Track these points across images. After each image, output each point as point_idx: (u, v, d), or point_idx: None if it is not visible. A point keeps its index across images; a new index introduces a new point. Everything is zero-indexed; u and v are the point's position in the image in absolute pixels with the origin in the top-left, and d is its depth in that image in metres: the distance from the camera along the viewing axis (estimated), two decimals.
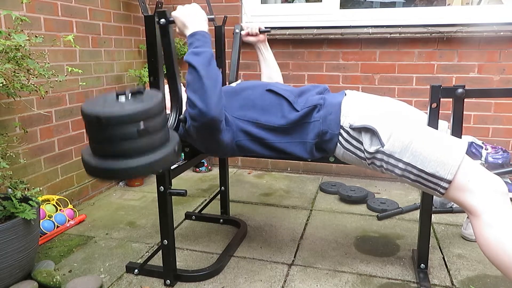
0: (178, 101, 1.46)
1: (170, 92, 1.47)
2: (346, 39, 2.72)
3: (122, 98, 1.10)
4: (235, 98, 1.46)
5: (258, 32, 1.84)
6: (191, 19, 1.34)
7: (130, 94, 1.11)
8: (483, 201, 1.15)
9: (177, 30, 1.39)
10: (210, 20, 1.43)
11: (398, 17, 2.68)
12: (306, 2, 3.49)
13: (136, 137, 1.06)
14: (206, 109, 1.24)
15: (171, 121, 1.44)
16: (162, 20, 1.35)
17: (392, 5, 4.07)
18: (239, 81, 1.83)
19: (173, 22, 1.37)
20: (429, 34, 2.56)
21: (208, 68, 1.27)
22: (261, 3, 2.93)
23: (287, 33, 2.77)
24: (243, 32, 1.87)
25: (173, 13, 1.37)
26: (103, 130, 1.06)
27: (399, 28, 2.62)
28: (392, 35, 2.61)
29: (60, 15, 2.23)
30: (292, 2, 3.62)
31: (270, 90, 1.44)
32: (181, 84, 1.51)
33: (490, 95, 2.10)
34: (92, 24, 2.48)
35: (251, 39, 1.87)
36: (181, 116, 1.45)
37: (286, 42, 2.83)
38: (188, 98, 1.28)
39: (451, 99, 1.40)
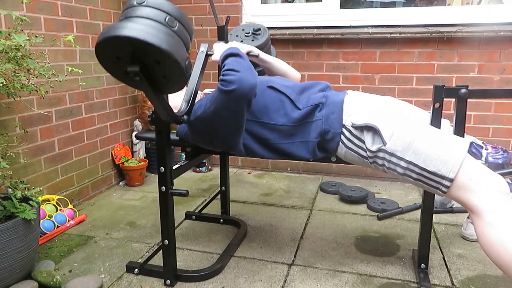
0: (190, 103, 1.41)
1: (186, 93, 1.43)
2: (346, 39, 2.72)
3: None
4: None
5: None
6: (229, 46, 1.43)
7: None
8: (485, 200, 1.15)
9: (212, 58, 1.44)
10: (251, 56, 1.56)
11: (398, 17, 2.68)
12: (306, 2, 3.49)
13: (163, 24, 1.10)
14: (247, 76, 1.25)
15: (182, 106, 1.39)
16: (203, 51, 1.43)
17: (392, 5, 4.08)
18: None
19: (211, 55, 1.44)
20: (429, 34, 2.56)
21: (247, 59, 1.33)
22: (261, 3, 2.93)
23: (287, 33, 2.77)
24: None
25: (215, 47, 1.45)
26: None
27: (399, 28, 2.62)
28: (392, 35, 2.61)
29: (60, 15, 2.22)
30: (292, 2, 3.62)
31: (271, 87, 1.44)
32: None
33: (492, 95, 2.09)
34: (92, 24, 2.48)
35: None
36: (185, 117, 1.44)
37: (286, 42, 2.83)
38: (225, 68, 1.28)
39: (452, 99, 1.40)
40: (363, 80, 2.77)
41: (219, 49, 1.45)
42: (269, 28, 1.87)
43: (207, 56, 1.46)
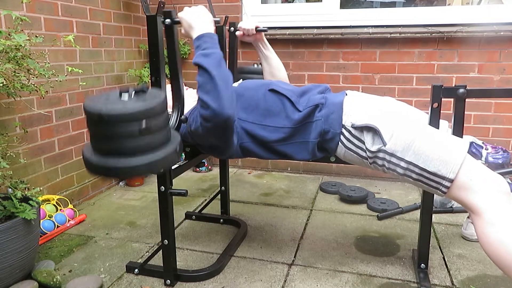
0: (180, 101, 1.46)
1: (172, 91, 1.46)
2: (346, 39, 2.72)
3: (125, 96, 1.10)
4: (238, 100, 1.44)
5: (255, 32, 1.77)
6: (198, 21, 1.34)
7: (133, 93, 1.11)
8: (485, 200, 1.15)
9: (183, 31, 1.38)
10: (216, 22, 1.42)
11: (398, 17, 2.68)
12: (306, 2, 3.49)
13: (137, 135, 1.06)
14: (220, 109, 1.23)
15: (172, 120, 1.43)
16: (168, 20, 1.35)
17: (392, 5, 4.08)
18: (240, 80, 1.83)
19: (178, 22, 1.37)
20: (429, 34, 2.56)
21: (219, 68, 1.26)
22: (261, 3, 2.93)
23: (287, 33, 2.77)
24: (238, 33, 1.79)
25: (179, 14, 1.37)
26: (104, 127, 1.06)
27: (399, 28, 2.62)
28: (392, 35, 2.61)
29: (60, 15, 2.22)
30: (292, 2, 3.62)
31: (272, 90, 1.44)
32: (183, 84, 1.51)
33: (491, 95, 2.10)
34: (92, 24, 2.48)
35: (247, 39, 1.80)
36: (182, 116, 1.45)
37: (286, 42, 2.83)
38: (200, 100, 1.27)
39: (451, 99, 1.40)
40: (363, 80, 2.77)
41: (188, 18, 1.36)
42: (269, 28, 1.86)
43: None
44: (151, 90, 1.17)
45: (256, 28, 1.75)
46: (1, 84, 1.46)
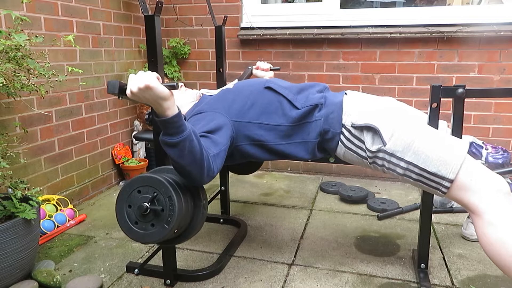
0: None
1: None
2: (346, 39, 2.72)
3: (146, 213, 1.15)
4: (234, 100, 1.43)
5: (268, 69, 1.97)
6: (150, 103, 1.05)
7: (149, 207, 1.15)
8: (485, 200, 1.15)
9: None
10: (170, 88, 1.04)
11: (398, 17, 2.68)
12: (306, 2, 3.49)
13: (174, 237, 1.26)
14: (196, 183, 1.20)
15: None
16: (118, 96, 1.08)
17: (392, 5, 4.07)
18: (235, 81, 1.82)
19: (128, 98, 1.07)
20: (429, 34, 2.56)
21: (187, 156, 1.10)
22: (261, 3, 2.93)
23: (287, 33, 2.77)
24: (254, 66, 2.00)
25: (128, 92, 1.04)
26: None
27: (399, 28, 2.62)
28: (392, 35, 2.61)
29: (60, 15, 2.22)
30: (293, 2, 3.62)
31: (268, 88, 1.44)
32: (180, 84, 1.50)
33: (490, 95, 2.10)
34: (92, 24, 2.48)
35: (260, 73, 1.97)
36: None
37: (286, 42, 2.83)
38: (178, 170, 1.18)
39: (451, 99, 1.40)
40: (363, 80, 2.77)
41: (142, 98, 1.05)
42: (269, 28, 1.87)
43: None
44: (159, 192, 1.16)
45: (270, 68, 2.00)
46: (1, 84, 1.46)
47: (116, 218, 1.17)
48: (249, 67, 2.05)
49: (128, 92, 1.03)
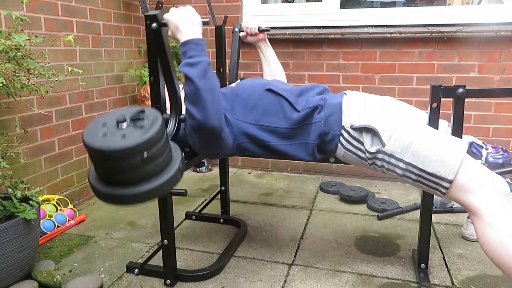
0: (177, 103, 1.45)
1: (169, 95, 1.45)
2: (346, 39, 2.72)
3: (123, 125, 1.07)
4: (236, 100, 1.45)
5: (258, 32, 1.82)
6: (185, 24, 1.26)
7: (129, 120, 1.09)
8: (484, 201, 1.15)
9: (169, 33, 1.31)
10: (204, 23, 1.32)
11: (398, 17, 2.68)
12: (306, 1, 3.49)
13: (140, 165, 1.05)
14: (206, 121, 1.24)
15: (171, 124, 1.42)
16: (154, 24, 1.28)
17: (392, 5, 4.08)
18: (238, 81, 1.82)
19: (165, 25, 1.29)
20: (429, 34, 2.56)
21: (205, 79, 1.24)
22: (261, 2, 2.94)
23: (288, 33, 2.76)
24: (242, 33, 1.85)
25: (166, 16, 1.29)
26: (106, 162, 1.05)
27: (399, 28, 2.62)
28: (392, 35, 2.61)
29: (60, 15, 2.22)
30: (293, 1, 3.62)
31: (269, 90, 1.44)
32: (179, 85, 1.50)
33: (490, 95, 2.10)
34: (92, 24, 2.48)
35: (250, 39, 1.86)
36: (182, 116, 1.44)
37: (286, 42, 2.83)
38: (186, 109, 1.27)
39: (451, 99, 1.40)
40: (363, 80, 2.77)
41: (174, 21, 1.29)
42: (270, 28, 1.86)
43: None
44: (147, 112, 1.13)
45: (258, 28, 1.80)
46: (1, 84, 1.46)
47: (83, 134, 1.07)
48: (235, 29, 1.89)
49: (172, 9, 1.28)
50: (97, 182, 1.12)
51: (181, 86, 1.66)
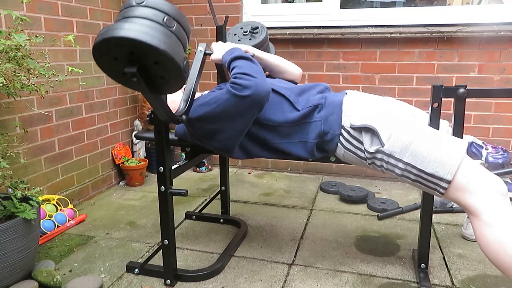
0: (191, 97, 1.42)
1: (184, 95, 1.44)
2: (346, 39, 2.72)
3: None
4: None
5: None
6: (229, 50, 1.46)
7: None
8: (483, 201, 1.15)
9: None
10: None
11: (398, 17, 2.68)
12: (306, 2, 3.49)
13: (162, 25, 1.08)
14: (262, 82, 1.28)
15: (180, 106, 1.40)
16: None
17: (393, 5, 4.07)
18: None
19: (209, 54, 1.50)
20: (429, 34, 2.56)
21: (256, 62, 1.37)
22: (262, 3, 2.93)
23: (288, 32, 2.77)
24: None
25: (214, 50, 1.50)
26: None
27: (400, 28, 2.62)
28: (392, 35, 2.61)
29: (60, 14, 2.23)
30: (293, 2, 3.62)
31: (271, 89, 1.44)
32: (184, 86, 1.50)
33: (491, 95, 2.09)
34: (92, 23, 2.48)
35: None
36: (183, 116, 1.44)
37: (286, 41, 2.83)
38: (238, 74, 1.29)
39: (451, 99, 1.40)
40: (363, 80, 2.77)
41: (219, 48, 1.48)
42: (269, 28, 1.87)
43: (205, 55, 1.51)
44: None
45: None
46: (1, 84, 1.46)
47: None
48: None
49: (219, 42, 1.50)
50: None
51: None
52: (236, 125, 1.36)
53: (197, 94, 1.64)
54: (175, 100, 1.58)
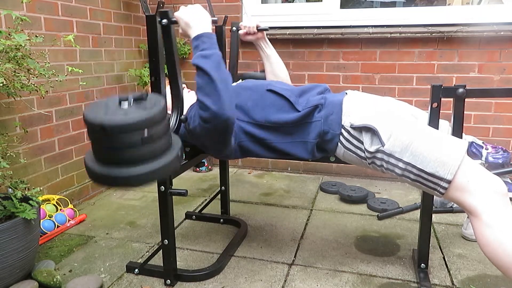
0: (179, 102, 1.46)
1: (171, 92, 1.46)
2: (346, 39, 2.72)
3: (125, 105, 1.07)
4: (236, 100, 1.44)
5: (256, 31, 1.80)
6: (196, 20, 1.33)
7: (132, 100, 1.09)
8: (483, 201, 1.15)
9: (180, 30, 1.37)
10: (213, 22, 1.38)
11: (399, 17, 2.68)
12: (306, 1, 3.49)
13: (140, 144, 1.05)
14: (221, 111, 1.23)
15: (172, 121, 1.43)
16: (164, 20, 1.34)
17: (393, 5, 4.07)
18: (240, 81, 1.83)
19: (175, 22, 1.36)
20: (429, 34, 2.56)
21: (219, 70, 1.26)
22: (262, 3, 2.93)
23: (288, 32, 2.76)
24: (241, 32, 1.83)
25: (176, 14, 1.35)
26: (106, 138, 1.04)
27: (400, 28, 2.62)
28: (392, 35, 2.61)
29: (60, 14, 2.23)
30: (293, 1, 3.62)
31: (270, 90, 1.44)
32: (182, 84, 1.51)
33: (490, 95, 2.09)
34: (92, 24, 2.48)
35: (249, 37, 1.83)
36: (182, 116, 1.45)
37: (286, 41, 2.83)
38: (199, 101, 1.26)
39: (451, 99, 1.40)
40: (363, 80, 2.77)
41: (185, 18, 1.35)
42: (269, 28, 1.86)
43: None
44: (150, 96, 1.14)
45: (257, 27, 1.79)
46: (1, 84, 1.46)
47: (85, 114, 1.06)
48: (234, 29, 1.89)
49: (182, 7, 1.33)
50: (94, 163, 1.11)
51: (186, 90, 1.67)
52: (216, 142, 1.38)
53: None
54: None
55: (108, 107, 1.08)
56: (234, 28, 1.90)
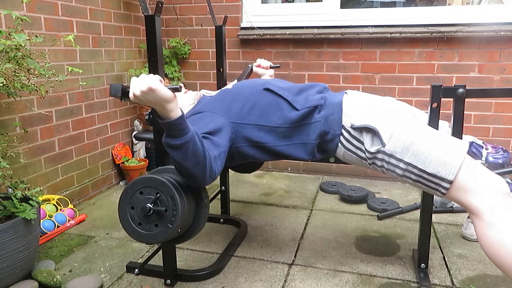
0: None
1: None
2: (346, 39, 2.72)
3: (149, 213, 1.15)
4: (233, 102, 1.42)
5: (269, 67, 1.94)
6: (154, 106, 1.06)
7: (152, 209, 1.15)
8: (484, 201, 1.15)
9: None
10: (174, 90, 1.06)
11: (399, 17, 2.68)
12: (306, 1, 3.49)
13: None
14: (201, 184, 1.26)
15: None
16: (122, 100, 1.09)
17: (393, 5, 4.07)
18: (234, 81, 1.82)
19: (129, 100, 1.07)
20: (429, 34, 2.56)
21: (191, 158, 1.11)
22: (262, 2, 2.93)
23: (288, 32, 2.76)
24: (255, 64, 1.97)
25: (131, 95, 1.04)
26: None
27: (400, 28, 2.62)
28: (392, 35, 2.61)
29: (60, 14, 2.23)
30: (293, 2, 3.62)
31: (267, 89, 1.43)
32: (180, 84, 1.50)
33: (490, 95, 2.10)
34: (92, 24, 2.48)
35: (260, 71, 1.94)
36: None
37: (286, 41, 2.83)
38: (177, 170, 1.20)
39: (451, 99, 1.40)
40: (363, 80, 2.77)
41: (146, 101, 1.05)
42: (269, 28, 1.86)
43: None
44: (161, 190, 1.16)
45: (270, 66, 1.97)
46: (1, 84, 1.46)
47: (120, 220, 1.17)
48: (250, 65, 2.04)
49: (131, 95, 1.04)
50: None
51: (184, 90, 1.66)
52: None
53: (197, 95, 1.64)
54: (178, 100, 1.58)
55: (137, 215, 1.17)
56: (249, 65, 2.04)
